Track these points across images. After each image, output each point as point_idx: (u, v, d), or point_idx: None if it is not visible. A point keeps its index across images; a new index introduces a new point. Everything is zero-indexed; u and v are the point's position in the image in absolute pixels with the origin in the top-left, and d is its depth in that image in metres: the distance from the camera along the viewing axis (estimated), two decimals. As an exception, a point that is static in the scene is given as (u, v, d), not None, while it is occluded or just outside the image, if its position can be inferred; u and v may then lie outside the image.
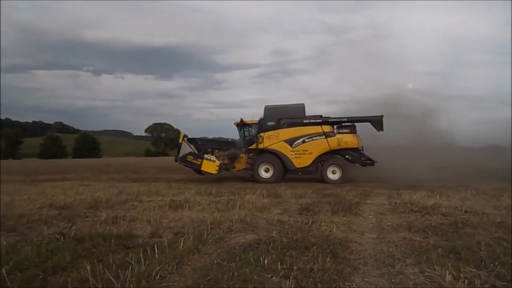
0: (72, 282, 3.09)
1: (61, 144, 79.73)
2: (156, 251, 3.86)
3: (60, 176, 17.76)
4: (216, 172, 13.07)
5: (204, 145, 14.44)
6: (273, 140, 13.66)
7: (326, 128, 13.25)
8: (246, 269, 3.39)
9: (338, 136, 13.14)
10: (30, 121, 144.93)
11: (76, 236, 4.59)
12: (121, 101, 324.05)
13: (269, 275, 3.31)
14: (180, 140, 13.75)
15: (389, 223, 5.57)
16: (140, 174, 16.99)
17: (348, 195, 8.75)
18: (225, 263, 3.63)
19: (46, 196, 8.87)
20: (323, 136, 13.20)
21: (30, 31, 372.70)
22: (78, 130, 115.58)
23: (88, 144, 79.84)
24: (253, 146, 14.06)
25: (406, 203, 7.28)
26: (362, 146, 13.54)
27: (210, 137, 16.28)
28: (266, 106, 14.20)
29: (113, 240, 4.38)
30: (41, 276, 3.26)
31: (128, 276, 3.17)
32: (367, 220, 5.89)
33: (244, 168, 14.34)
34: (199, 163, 13.10)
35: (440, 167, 13.69)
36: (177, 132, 76.17)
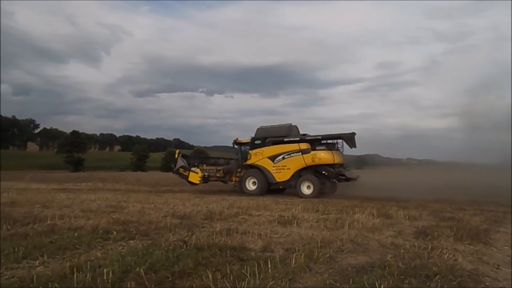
0: (196, 288, 3.37)
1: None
2: (269, 266, 3.96)
3: (178, 187, 19.82)
4: (198, 182, 15.17)
5: (193, 160, 16.85)
6: (258, 156, 15.43)
7: (303, 146, 14.50)
8: (361, 294, 3.25)
9: (313, 152, 14.20)
10: (154, 138, 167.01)
11: (196, 245, 4.96)
12: (230, 118, 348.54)
13: (387, 303, 3.10)
14: (176, 156, 16.42)
15: (533, 258, 4.71)
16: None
17: (474, 220, 7.72)
18: (338, 284, 3.53)
19: (168, 205, 9.89)
20: (300, 153, 14.43)
21: (156, 60, 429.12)
22: (192, 146, 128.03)
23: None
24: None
25: (556, 235, 6.08)
26: (339, 162, 14.37)
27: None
28: (259, 127, 16.13)
29: (228, 251, 4.64)
30: (170, 279, 3.62)
31: (245, 288, 3.33)
32: (502, 252, 5.08)
33: (236, 181, 16.33)
34: (187, 174, 15.46)
35: None
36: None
